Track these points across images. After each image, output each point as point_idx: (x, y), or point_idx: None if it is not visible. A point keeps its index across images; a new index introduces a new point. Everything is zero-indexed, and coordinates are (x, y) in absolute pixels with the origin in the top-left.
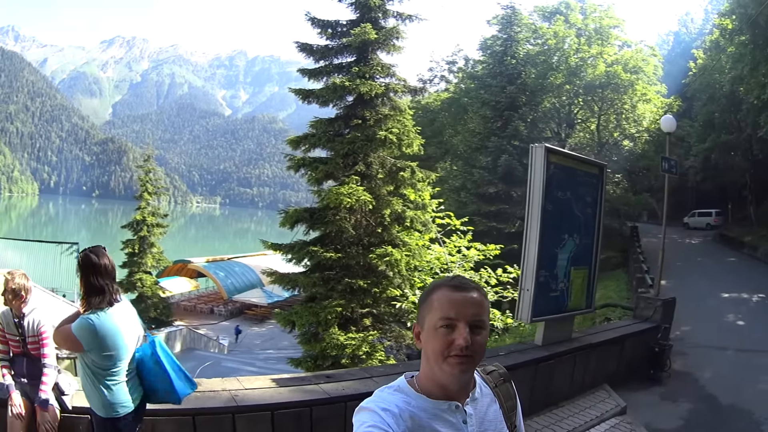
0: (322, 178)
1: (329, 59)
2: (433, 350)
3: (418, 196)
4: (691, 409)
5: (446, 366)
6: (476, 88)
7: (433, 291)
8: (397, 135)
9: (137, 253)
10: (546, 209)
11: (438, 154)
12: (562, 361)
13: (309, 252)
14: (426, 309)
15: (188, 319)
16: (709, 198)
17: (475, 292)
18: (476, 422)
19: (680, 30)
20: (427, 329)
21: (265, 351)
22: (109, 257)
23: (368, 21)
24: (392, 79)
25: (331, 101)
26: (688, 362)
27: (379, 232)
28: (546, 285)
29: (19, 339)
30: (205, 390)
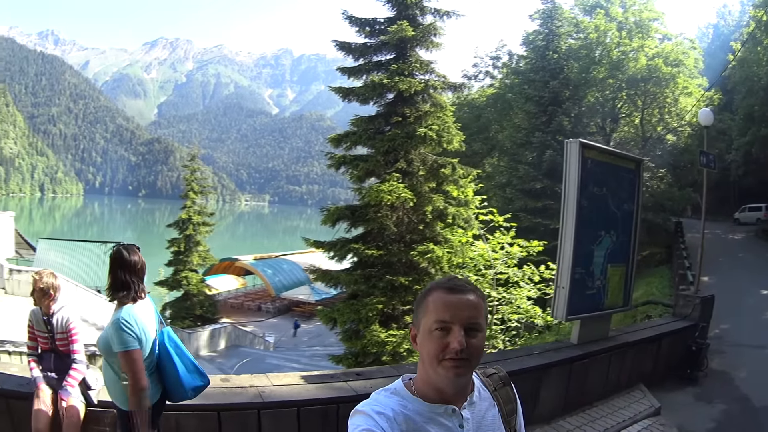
0: (363, 175)
1: (368, 57)
2: (428, 353)
3: (460, 193)
4: (725, 410)
5: (441, 369)
6: (520, 83)
7: (429, 293)
8: (437, 131)
9: (183, 252)
10: (581, 205)
11: (484, 150)
12: (597, 360)
13: (351, 249)
14: (421, 311)
15: (235, 317)
16: (752, 193)
17: (470, 294)
18: (473, 426)
19: (719, 22)
20: (422, 332)
21: (312, 348)
22: (140, 256)
23: (405, 18)
24: (431, 76)
25: (371, 99)
26: (725, 361)
27: (420, 229)
28: (582, 282)
29: (47, 336)
30: (233, 386)
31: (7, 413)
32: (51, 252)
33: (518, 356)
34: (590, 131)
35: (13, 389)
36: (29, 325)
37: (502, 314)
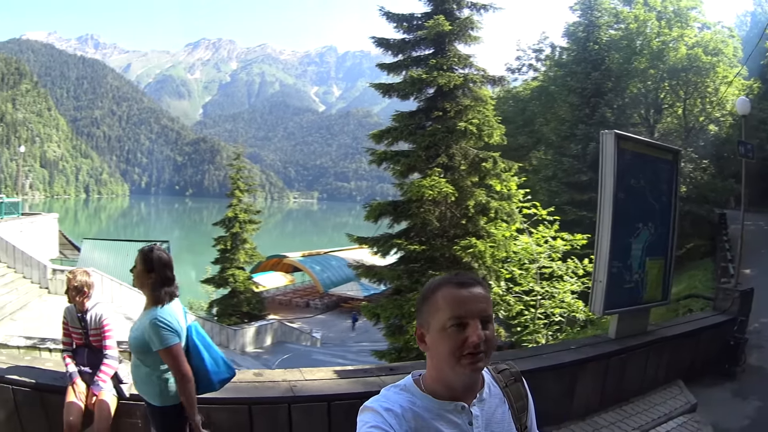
0: (405, 171)
1: (407, 53)
2: (444, 351)
3: (503, 187)
4: (761, 407)
5: (459, 367)
6: (563, 75)
7: (437, 290)
8: (478, 125)
9: (229, 250)
10: (618, 198)
11: (530, 144)
12: (634, 355)
13: (394, 245)
14: (431, 309)
15: (283, 313)
16: None
17: (480, 287)
18: (482, 424)
19: (756, 10)
20: (434, 330)
21: (359, 344)
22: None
23: (442, 12)
24: (471, 70)
25: (411, 94)
26: (763, 356)
27: (463, 223)
28: (619, 276)
29: (81, 332)
30: (265, 380)
31: (41, 406)
32: (95, 252)
33: (554, 351)
34: (633, 122)
35: (47, 383)
36: (64, 322)
37: (545, 308)
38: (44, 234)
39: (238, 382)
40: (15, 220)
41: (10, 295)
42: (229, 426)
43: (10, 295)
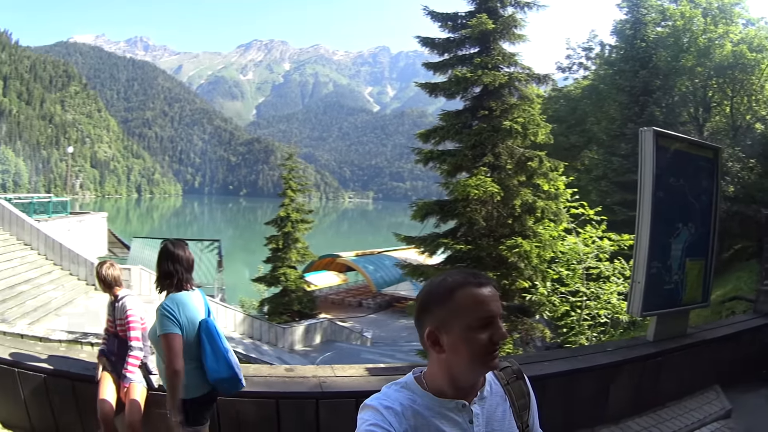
0: (452, 170)
1: (452, 52)
2: (472, 352)
3: (551, 186)
4: None
5: (482, 367)
6: (612, 73)
7: (456, 290)
8: (523, 124)
9: (281, 249)
10: (657, 197)
11: (582, 143)
12: (671, 359)
13: (440, 244)
14: (451, 310)
15: (335, 312)
16: None
17: (494, 287)
18: (483, 422)
19: None
20: (457, 331)
21: (410, 343)
22: (186, 250)
23: (485, 11)
24: (516, 68)
25: (457, 93)
26: None
27: (510, 223)
28: (658, 277)
29: (111, 320)
30: (295, 375)
31: (72, 395)
32: (145, 250)
33: (590, 353)
34: (682, 121)
35: (79, 372)
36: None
37: (591, 310)
38: (93, 232)
39: (268, 376)
40: (63, 219)
41: (56, 291)
42: (255, 419)
43: (56, 292)
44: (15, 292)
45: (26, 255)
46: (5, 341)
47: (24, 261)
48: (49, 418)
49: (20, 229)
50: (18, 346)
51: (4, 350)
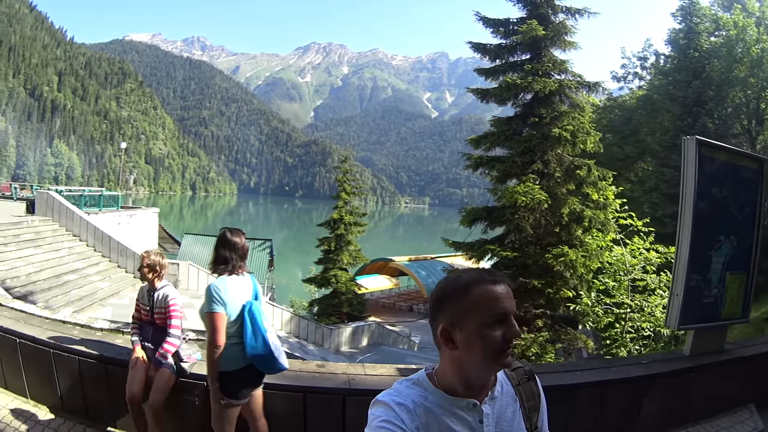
0: (502, 176)
1: (504, 58)
2: (488, 349)
3: (600, 196)
4: None
5: (495, 365)
6: (666, 83)
7: (470, 288)
8: (572, 132)
9: (333, 251)
10: (699, 207)
11: (636, 154)
12: (706, 375)
13: (487, 250)
14: (465, 307)
15: (385, 316)
16: None
17: (507, 284)
18: (493, 422)
19: None
20: (471, 328)
21: None
22: (242, 238)
23: (536, 17)
24: (567, 76)
25: (508, 99)
26: None
27: (557, 231)
28: (697, 290)
29: (148, 309)
30: (325, 372)
31: (105, 377)
32: (196, 246)
33: (625, 365)
34: (734, 133)
35: (112, 356)
36: (137, 299)
37: (634, 322)
38: (144, 227)
39: (298, 371)
40: (114, 213)
41: (102, 282)
42: (282, 412)
43: (103, 283)
44: (61, 281)
45: (74, 246)
46: (44, 325)
47: (72, 251)
48: (79, 398)
49: (70, 221)
50: (57, 329)
51: (42, 332)
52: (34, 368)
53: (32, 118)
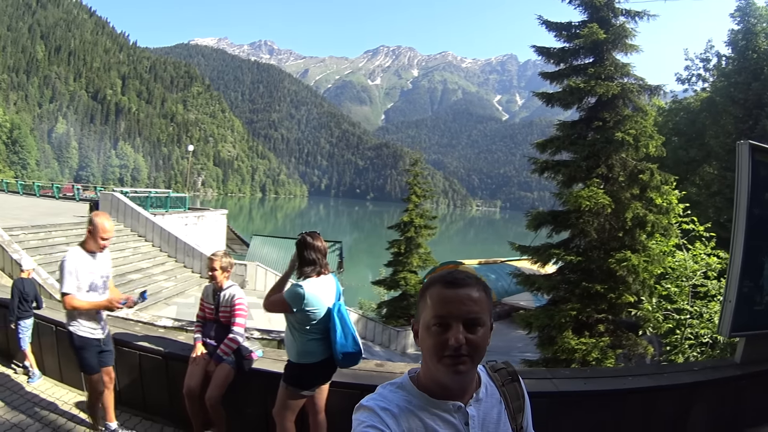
0: (567, 181)
1: (567, 62)
2: (428, 349)
3: (663, 200)
4: None
5: (441, 366)
6: (727, 85)
7: (428, 287)
8: (634, 136)
9: (403, 253)
10: (752, 213)
11: (701, 157)
12: (757, 383)
13: (552, 254)
14: (422, 306)
15: None
16: None
17: (470, 288)
18: (479, 424)
19: None
20: (422, 327)
21: (523, 354)
22: (321, 240)
23: (597, 20)
24: (629, 79)
25: (572, 103)
26: None
27: (620, 236)
28: (750, 297)
29: (213, 307)
30: (384, 371)
31: (165, 371)
32: (264, 247)
33: (674, 371)
34: None
35: (173, 352)
36: (201, 298)
37: (693, 329)
38: (212, 228)
39: (357, 369)
40: (181, 214)
41: (168, 282)
42: (339, 410)
43: (168, 282)
44: (125, 279)
45: (140, 246)
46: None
47: (137, 251)
48: (138, 391)
49: (135, 222)
50: (119, 326)
51: None
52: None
53: (95, 120)
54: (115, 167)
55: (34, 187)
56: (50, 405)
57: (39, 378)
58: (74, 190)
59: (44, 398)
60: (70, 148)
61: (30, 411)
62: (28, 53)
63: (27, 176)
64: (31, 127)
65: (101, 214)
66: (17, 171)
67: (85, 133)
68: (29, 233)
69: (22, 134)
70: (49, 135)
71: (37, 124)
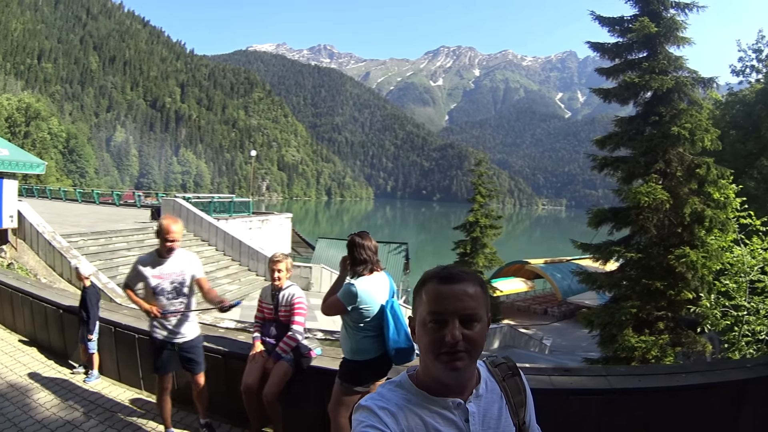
0: (627, 177)
1: (622, 57)
2: (424, 346)
3: (720, 195)
4: None
5: (438, 363)
6: None
7: (424, 283)
8: (690, 130)
9: (469, 254)
10: None
11: (758, 150)
12: None
13: (613, 252)
14: (417, 302)
15: (520, 319)
16: None
17: (466, 284)
18: (479, 420)
19: None
20: (418, 323)
21: (588, 353)
22: (371, 239)
23: (649, 14)
24: (682, 72)
25: (629, 99)
26: None
27: (679, 232)
28: None
29: (272, 307)
30: None
31: (224, 369)
32: (330, 250)
33: (726, 368)
34: None
35: (232, 351)
36: (259, 299)
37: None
38: (276, 232)
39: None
40: (245, 218)
41: (231, 285)
42: None
43: (232, 285)
44: None
45: (203, 250)
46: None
47: (201, 256)
48: None
49: (198, 226)
50: None
51: None
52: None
53: (155, 128)
54: (177, 174)
55: (93, 194)
56: (106, 403)
57: (97, 378)
58: (135, 196)
59: (101, 397)
60: (129, 155)
61: (86, 409)
62: (82, 64)
63: (86, 184)
64: (88, 136)
65: (167, 217)
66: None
67: (145, 141)
68: (89, 239)
69: (79, 143)
70: (108, 143)
71: (95, 133)
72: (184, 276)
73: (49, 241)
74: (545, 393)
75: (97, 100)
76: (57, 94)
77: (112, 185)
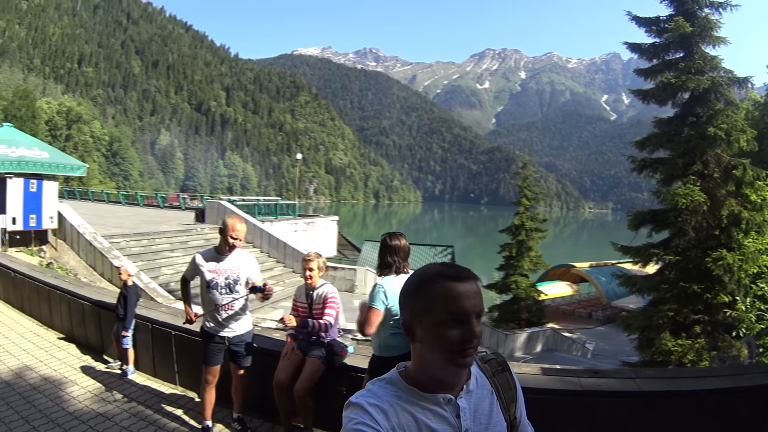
0: (666, 178)
1: (660, 57)
2: (443, 348)
3: (757, 196)
4: None
5: (451, 364)
6: None
7: (430, 283)
8: (726, 131)
9: (514, 257)
10: None
11: None
12: None
13: (652, 254)
14: (425, 303)
15: (564, 323)
16: None
17: (474, 282)
18: (470, 416)
19: None
20: (428, 325)
21: (630, 357)
22: (402, 240)
23: (683, 13)
24: (718, 72)
25: (666, 99)
26: None
27: (716, 234)
28: None
29: (306, 306)
30: None
31: (258, 367)
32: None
33: (755, 372)
34: None
35: (266, 347)
36: (294, 298)
37: None
38: (322, 234)
39: None
40: (290, 221)
41: (276, 286)
42: None
43: (276, 287)
44: None
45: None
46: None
47: None
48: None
49: None
50: None
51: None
52: (186, 358)
53: (200, 132)
54: (224, 177)
55: (137, 197)
56: (141, 397)
57: (132, 373)
58: (179, 199)
59: (136, 390)
60: (175, 159)
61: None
62: (124, 68)
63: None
64: (132, 140)
65: (233, 216)
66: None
67: (190, 144)
68: (131, 240)
69: (123, 146)
70: (152, 147)
71: (139, 137)
72: (239, 274)
73: (90, 242)
74: (575, 394)
75: (140, 104)
76: (99, 97)
77: (157, 188)
